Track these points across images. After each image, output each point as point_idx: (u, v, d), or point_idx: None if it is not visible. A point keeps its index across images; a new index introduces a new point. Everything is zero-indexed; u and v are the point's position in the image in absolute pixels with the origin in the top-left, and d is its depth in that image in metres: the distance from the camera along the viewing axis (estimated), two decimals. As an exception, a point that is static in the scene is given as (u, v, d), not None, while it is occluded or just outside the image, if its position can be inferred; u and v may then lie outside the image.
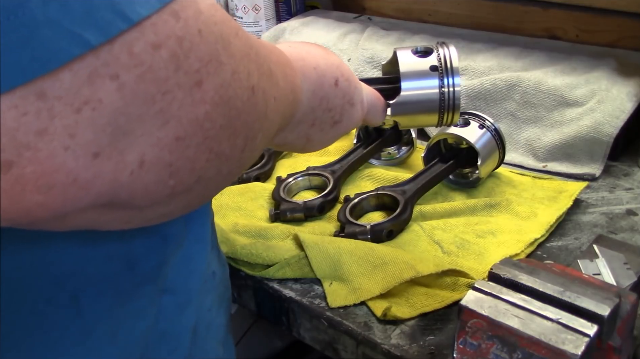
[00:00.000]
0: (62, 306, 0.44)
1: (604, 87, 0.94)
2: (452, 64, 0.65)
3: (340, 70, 0.58)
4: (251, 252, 0.74)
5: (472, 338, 0.51)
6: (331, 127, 0.58)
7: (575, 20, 1.13)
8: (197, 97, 0.32)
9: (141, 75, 0.30)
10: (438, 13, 1.28)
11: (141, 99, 0.30)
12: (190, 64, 0.32)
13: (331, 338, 0.69)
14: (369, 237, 0.77)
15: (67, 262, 0.43)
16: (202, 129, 0.33)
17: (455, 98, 0.65)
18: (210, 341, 0.57)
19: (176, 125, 0.32)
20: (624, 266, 0.64)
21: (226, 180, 0.40)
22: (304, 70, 0.53)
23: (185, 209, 0.39)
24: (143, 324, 0.49)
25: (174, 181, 0.33)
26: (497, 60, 1.05)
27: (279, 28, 1.30)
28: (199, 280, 0.54)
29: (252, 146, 0.39)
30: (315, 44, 0.60)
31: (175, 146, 0.32)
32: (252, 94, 0.37)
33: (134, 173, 0.31)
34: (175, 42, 0.31)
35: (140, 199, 0.33)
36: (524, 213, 0.81)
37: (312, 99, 0.54)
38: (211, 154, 0.34)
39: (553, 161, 0.93)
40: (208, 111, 0.33)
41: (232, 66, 0.34)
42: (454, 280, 0.70)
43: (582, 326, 0.48)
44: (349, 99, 0.58)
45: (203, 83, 0.32)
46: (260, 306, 0.77)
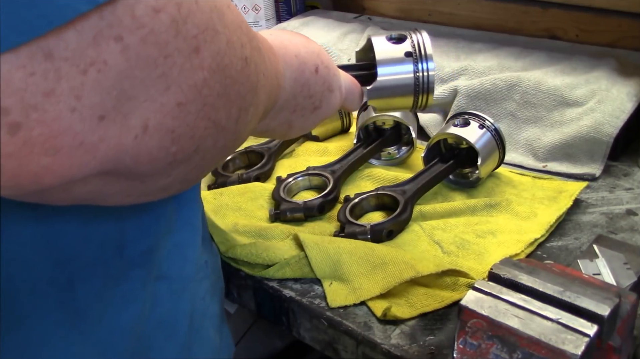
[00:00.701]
0: (62, 288, 0.45)
1: (604, 87, 0.94)
2: (425, 50, 0.67)
3: (320, 58, 0.59)
4: (251, 252, 0.74)
5: (472, 338, 0.51)
6: (311, 112, 0.59)
7: (575, 20, 1.13)
8: (195, 63, 0.33)
9: (144, 38, 0.30)
10: (438, 13, 1.28)
11: (144, 62, 0.30)
12: (188, 29, 0.32)
13: (331, 338, 0.69)
14: (369, 237, 0.77)
15: (67, 244, 0.44)
16: (200, 95, 0.33)
17: (430, 82, 0.67)
18: (206, 329, 0.58)
19: (177, 90, 0.32)
20: (624, 266, 0.64)
21: (221, 153, 0.40)
22: (285, 57, 0.54)
23: (183, 183, 0.39)
24: (132, 310, 0.49)
25: (176, 147, 0.34)
26: (497, 60, 1.05)
27: (279, 28, 1.30)
28: (193, 267, 0.55)
29: (244, 119, 0.40)
30: (295, 32, 0.61)
31: (177, 111, 0.33)
32: (246, 64, 0.38)
33: (138, 138, 0.32)
34: (174, 7, 0.31)
35: (143, 166, 0.33)
36: (524, 213, 0.81)
37: (294, 86, 0.55)
38: (209, 121, 0.35)
39: (553, 161, 0.93)
40: (206, 77, 0.33)
41: (227, 35, 0.35)
42: (454, 280, 0.70)
43: (582, 326, 0.48)
44: (328, 86, 0.59)
45: (200, 49, 0.33)
46: (260, 306, 0.77)
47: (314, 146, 1.01)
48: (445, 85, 1.05)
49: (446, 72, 1.06)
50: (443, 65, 1.07)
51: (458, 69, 1.05)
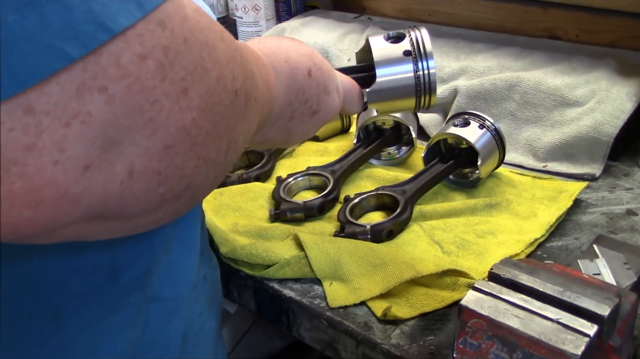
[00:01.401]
0: (43, 321, 0.44)
1: (604, 87, 0.94)
2: (425, 47, 0.65)
3: (312, 60, 0.57)
4: (251, 253, 0.74)
5: (472, 338, 0.51)
6: (310, 117, 0.58)
7: (575, 20, 1.13)
8: (183, 105, 0.32)
9: (129, 86, 0.30)
10: (438, 13, 1.28)
11: (130, 110, 0.30)
12: (175, 72, 0.32)
13: (331, 338, 0.69)
14: (369, 237, 0.77)
15: (50, 276, 0.43)
16: (189, 136, 0.33)
17: (431, 81, 0.65)
18: (201, 346, 0.57)
19: (164, 134, 0.32)
20: (624, 266, 0.64)
21: (212, 185, 0.40)
22: (275, 64, 0.53)
23: (174, 215, 0.39)
24: (128, 336, 0.48)
25: (164, 188, 0.33)
26: (497, 60, 1.05)
27: (279, 28, 1.30)
28: (188, 286, 0.54)
29: (235, 149, 0.39)
30: (283, 37, 0.60)
31: (164, 154, 0.32)
32: (235, 97, 0.37)
33: (124, 183, 0.31)
34: (161, 52, 0.31)
35: (130, 209, 0.33)
36: (524, 213, 0.81)
37: (287, 93, 0.54)
38: (199, 160, 0.35)
39: (553, 161, 0.93)
40: (195, 117, 0.33)
41: (217, 72, 0.35)
42: (454, 280, 0.70)
43: (582, 326, 0.48)
44: (324, 88, 0.58)
45: (189, 90, 0.33)
46: (260, 306, 0.77)
47: (314, 146, 1.01)
48: (445, 85, 1.05)
49: (446, 72, 1.06)
50: (443, 65, 1.07)
51: (458, 69, 1.05)
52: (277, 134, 0.58)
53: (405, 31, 0.67)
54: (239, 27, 1.34)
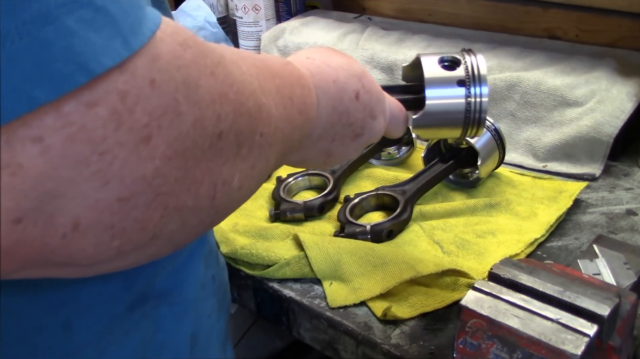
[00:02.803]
0: (52, 333, 0.43)
1: (604, 87, 0.94)
2: (479, 72, 0.61)
3: (361, 82, 0.54)
4: (251, 253, 0.74)
5: (472, 338, 0.51)
6: (352, 140, 0.55)
7: (575, 20, 1.13)
8: (143, 154, 0.29)
9: (71, 137, 0.27)
10: (438, 13, 1.28)
11: (71, 162, 0.27)
12: (135, 119, 0.28)
13: (331, 338, 0.69)
14: (369, 237, 0.77)
15: (63, 289, 0.42)
16: (150, 186, 0.30)
17: (482, 110, 0.61)
18: (211, 347, 0.56)
19: (118, 185, 0.29)
20: (624, 266, 0.64)
21: (202, 227, 0.36)
22: (322, 84, 0.50)
23: (155, 257, 0.36)
24: (136, 340, 0.48)
25: (119, 241, 0.31)
26: (497, 60, 1.05)
27: (279, 28, 1.30)
28: (196, 288, 0.53)
29: (227, 190, 0.36)
30: (337, 52, 0.56)
31: (118, 207, 0.29)
32: (218, 139, 0.33)
33: (67, 236, 0.29)
34: (116, 98, 0.28)
35: (80, 260, 0.30)
36: (524, 213, 0.81)
37: (331, 115, 0.51)
38: (166, 209, 0.31)
39: (553, 161, 0.93)
40: (158, 166, 0.30)
41: (195, 115, 0.31)
42: (454, 280, 0.70)
43: (582, 326, 0.48)
44: (370, 112, 0.55)
45: (152, 138, 0.29)
46: (260, 306, 0.77)
47: (314, 146, 1.01)
48: (445, 85, 1.05)
49: (446, 72, 1.06)
50: (443, 65, 1.07)
51: (458, 69, 1.05)
52: (317, 155, 0.54)
53: (460, 55, 0.62)
54: (239, 27, 1.35)
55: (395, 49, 1.13)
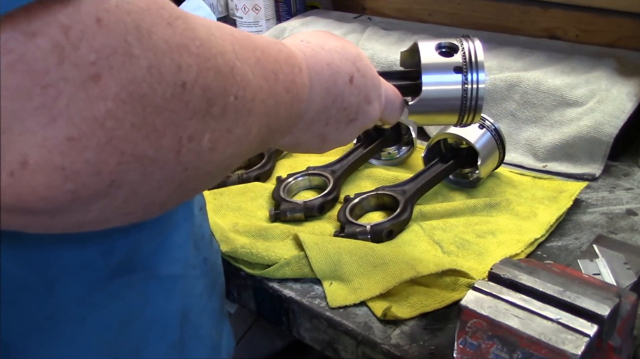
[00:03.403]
0: (35, 292, 0.44)
1: (604, 87, 0.94)
2: (477, 59, 0.60)
3: (356, 66, 0.54)
4: (251, 252, 0.74)
5: (472, 338, 0.51)
6: (347, 125, 0.55)
7: (575, 20, 1.13)
8: (93, 93, 0.29)
9: (10, 66, 0.27)
10: (438, 13, 1.28)
11: (12, 93, 0.27)
12: (81, 55, 0.28)
13: (331, 338, 0.69)
14: (369, 237, 0.77)
15: (43, 250, 0.43)
16: (103, 128, 0.30)
17: (479, 97, 0.60)
18: (204, 326, 0.57)
19: (66, 123, 0.28)
20: (624, 266, 0.64)
21: (171, 185, 0.36)
22: (316, 67, 0.50)
23: (128, 216, 0.36)
24: (119, 310, 0.49)
25: (73, 184, 0.30)
26: (497, 60, 1.05)
27: (279, 28, 1.30)
28: (184, 265, 0.54)
29: (195, 148, 0.35)
30: (332, 35, 0.56)
31: (68, 147, 0.29)
32: (182, 90, 0.33)
33: (15, 175, 0.29)
34: (58, 30, 0.27)
35: (33, 204, 0.30)
36: (524, 213, 0.81)
37: (325, 97, 0.51)
38: (123, 156, 0.31)
39: (553, 161, 0.93)
40: (110, 108, 0.29)
41: (150, 60, 0.31)
42: (454, 280, 0.70)
43: (582, 326, 0.48)
44: (365, 96, 0.54)
45: (102, 77, 0.29)
46: (260, 306, 0.77)
47: (314, 146, 1.01)
48: (445, 85, 1.05)
49: (446, 72, 1.06)
50: (443, 65, 1.07)
51: (458, 69, 1.05)
52: (311, 140, 0.54)
53: (458, 42, 0.62)
54: (239, 27, 1.35)
55: (395, 49, 1.13)
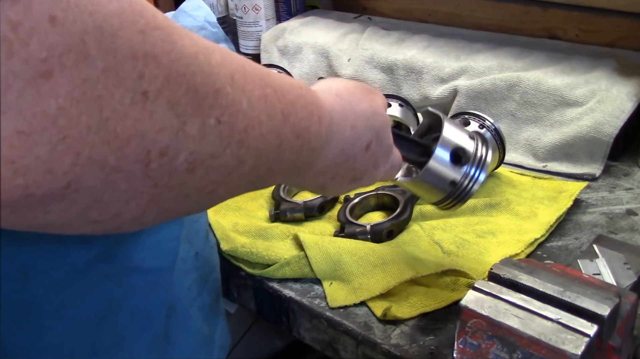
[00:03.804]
0: (10, 277, 0.44)
1: (604, 87, 0.94)
2: (485, 160, 0.63)
3: (377, 134, 0.55)
4: (251, 251, 0.74)
5: (472, 338, 0.51)
6: (349, 182, 0.56)
7: (575, 20, 1.13)
8: (44, 89, 0.29)
9: None
10: (438, 13, 1.28)
11: None
12: (31, 51, 0.29)
13: (331, 338, 0.69)
14: (369, 237, 0.77)
15: (18, 235, 0.43)
16: (55, 125, 0.30)
17: (470, 193, 0.64)
18: (192, 319, 0.58)
19: (15, 117, 0.29)
20: (624, 266, 0.64)
21: (141, 199, 0.35)
22: (339, 126, 0.51)
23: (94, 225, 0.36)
24: (98, 301, 0.49)
25: (24, 180, 0.30)
26: (497, 60, 1.05)
27: (279, 28, 1.30)
28: (169, 258, 0.54)
29: (167, 165, 0.35)
30: (368, 94, 0.56)
31: (18, 140, 0.29)
32: (144, 99, 0.33)
33: None
34: (6, 26, 0.28)
35: None
36: (524, 213, 0.81)
37: (338, 156, 0.52)
38: (79, 157, 0.31)
39: (553, 161, 0.93)
40: (62, 106, 0.30)
41: (107, 62, 0.31)
42: (454, 280, 0.70)
43: (582, 326, 0.48)
44: (374, 162, 0.56)
45: (53, 74, 0.29)
46: (260, 306, 0.77)
47: (314, 146, 1.01)
48: (445, 85, 1.05)
49: (446, 72, 1.06)
50: (443, 65, 1.07)
51: (458, 69, 1.05)
52: (311, 185, 0.55)
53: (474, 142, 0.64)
54: (239, 27, 1.35)
55: (395, 49, 1.13)
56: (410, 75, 1.09)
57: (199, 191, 0.38)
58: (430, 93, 1.06)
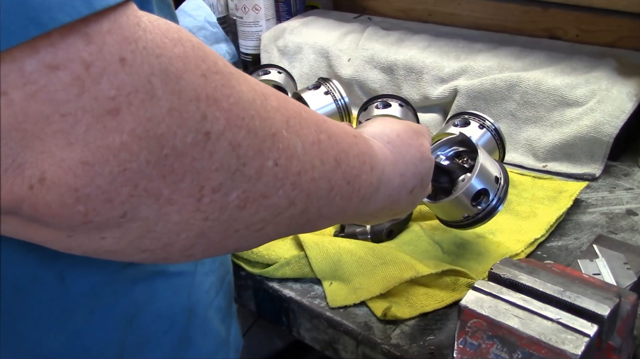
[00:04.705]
0: (48, 284, 0.45)
1: (604, 87, 0.94)
2: (506, 193, 0.69)
3: (422, 179, 0.57)
4: (252, 251, 0.74)
5: (472, 338, 0.51)
6: (388, 217, 0.59)
7: (575, 20, 1.13)
8: (110, 125, 0.31)
9: (32, 95, 0.29)
10: (438, 13, 1.28)
11: (34, 118, 0.30)
12: (101, 90, 0.31)
13: (331, 338, 0.69)
14: (369, 237, 0.77)
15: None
16: (116, 158, 0.32)
17: (484, 220, 0.68)
18: (210, 321, 0.58)
19: (82, 149, 0.31)
20: (624, 266, 0.64)
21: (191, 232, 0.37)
22: (390, 175, 0.53)
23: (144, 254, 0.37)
24: (126, 305, 0.50)
25: (84, 207, 0.32)
26: (497, 60, 1.05)
27: (279, 28, 1.30)
28: (193, 263, 0.55)
29: (220, 201, 0.36)
30: (418, 140, 0.58)
31: (82, 170, 0.31)
32: (206, 139, 0.34)
33: (34, 188, 0.31)
34: (80, 66, 0.30)
35: (48, 218, 0.32)
36: (524, 213, 0.81)
37: (384, 201, 0.54)
38: (136, 189, 0.33)
39: (553, 161, 0.93)
40: (125, 141, 0.32)
41: (172, 103, 0.33)
42: (454, 280, 0.70)
43: (582, 326, 0.48)
44: (413, 201, 0.58)
45: (120, 112, 0.31)
46: (260, 306, 0.77)
47: (314, 146, 1.01)
48: (445, 85, 1.05)
49: (446, 72, 1.06)
50: (443, 65, 1.07)
51: (458, 69, 1.05)
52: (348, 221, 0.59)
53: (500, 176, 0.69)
54: (239, 27, 1.35)
55: (395, 49, 1.13)
56: (410, 75, 1.09)
57: (248, 228, 0.40)
58: (430, 93, 1.06)
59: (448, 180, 0.68)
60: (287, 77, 1.13)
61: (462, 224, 0.70)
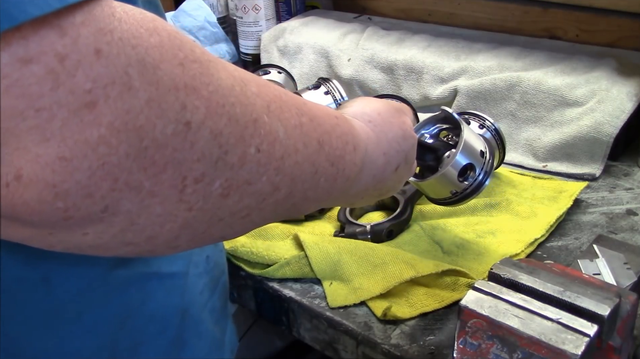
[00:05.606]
0: (33, 286, 0.45)
1: (604, 87, 0.94)
2: (491, 169, 0.69)
3: (406, 156, 0.57)
4: (251, 251, 0.74)
5: (472, 338, 0.51)
6: (375, 198, 0.59)
7: (575, 20, 1.13)
8: (87, 119, 0.30)
9: (5, 90, 0.29)
10: (438, 13, 1.28)
11: (8, 113, 0.29)
12: (77, 83, 0.30)
13: (331, 338, 0.69)
14: (369, 237, 0.77)
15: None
16: (95, 152, 0.31)
17: (472, 196, 0.69)
18: (204, 322, 0.58)
19: (59, 144, 0.30)
20: (624, 266, 0.64)
21: (174, 223, 0.36)
22: (373, 154, 0.52)
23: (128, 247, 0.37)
24: (118, 307, 0.49)
25: (64, 203, 0.32)
26: (497, 60, 1.05)
27: (279, 28, 1.30)
28: (185, 263, 0.55)
29: (203, 190, 0.36)
30: (400, 117, 0.58)
31: (60, 166, 0.30)
32: (187, 129, 0.34)
33: (11, 186, 0.30)
34: (53, 59, 0.29)
35: (25, 215, 0.32)
36: (524, 213, 0.81)
37: (369, 181, 0.54)
38: (117, 183, 0.32)
39: (553, 161, 0.93)
40: (103, 134, 0.31)
41: (150, 94, 0.32)
42: (454, 280, 0.70)
43: (582, 326, 0.48)
44: (399, 180, 0.58)
45: (97, 105, 0.30)
46: (260, 306, 0.77)
47: (314, 146, 1.01)
48: (445, 85, 1.05)
49: (446, 72, 1.06)
50: (443, 65, 1.07)
51: (458, 69, 1.05)
52: (339, 205, 0.58)
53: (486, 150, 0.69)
54: (239, 27, 1.35)
55: (395, 49, 1.13)
56: (410, 75, 1.09)
57: (233, 216, 0.39)
58: (430, 93, 1.06)
59: (434, 158, 0.68)
60: (287, 77, 1.13)
61: (451, 201, 0.70)
